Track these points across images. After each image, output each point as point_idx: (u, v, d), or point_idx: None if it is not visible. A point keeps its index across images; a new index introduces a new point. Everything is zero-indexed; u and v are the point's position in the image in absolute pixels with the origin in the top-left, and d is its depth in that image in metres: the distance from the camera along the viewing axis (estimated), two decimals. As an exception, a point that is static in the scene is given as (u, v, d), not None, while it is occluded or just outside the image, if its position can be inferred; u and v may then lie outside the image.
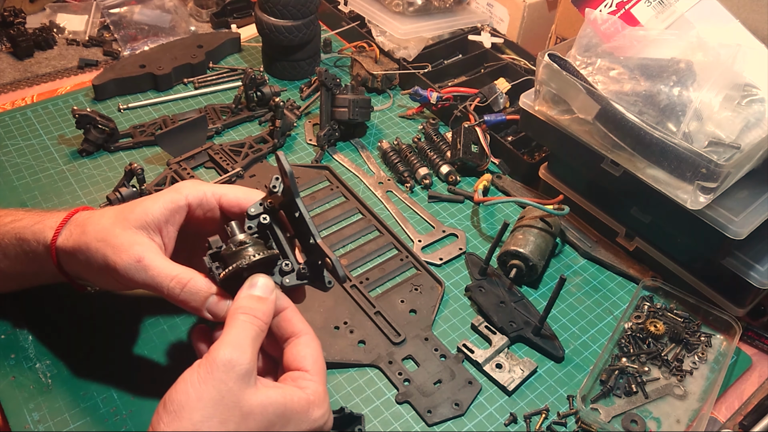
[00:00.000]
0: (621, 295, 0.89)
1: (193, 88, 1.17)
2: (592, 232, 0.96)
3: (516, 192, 1.01)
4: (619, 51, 0.87)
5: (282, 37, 1.14)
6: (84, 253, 0.64)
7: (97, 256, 0.63)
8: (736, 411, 0.78)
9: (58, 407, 0.71)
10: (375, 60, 1.21)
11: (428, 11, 1.24)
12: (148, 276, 0.61)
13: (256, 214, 0.65)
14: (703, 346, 0.82)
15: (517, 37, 1.28)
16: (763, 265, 0.80)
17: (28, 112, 1.09)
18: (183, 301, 0.62)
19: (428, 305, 0.85)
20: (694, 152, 0.74)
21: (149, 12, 1.36)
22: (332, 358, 0.78)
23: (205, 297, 0.62)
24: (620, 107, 0.79)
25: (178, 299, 0.62)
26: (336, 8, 1.35)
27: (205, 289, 0.62)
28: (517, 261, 0.87)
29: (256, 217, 0.65)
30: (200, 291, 0.62)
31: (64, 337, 0.77)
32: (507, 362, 0.79)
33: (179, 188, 0.67)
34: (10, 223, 0.71)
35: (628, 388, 0.77)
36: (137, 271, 0.61)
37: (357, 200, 0.98)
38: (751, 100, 0.83)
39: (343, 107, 1.05)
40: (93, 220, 0.66)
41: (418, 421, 0.73)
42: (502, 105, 1.11)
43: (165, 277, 0.61)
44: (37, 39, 1.26)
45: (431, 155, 1.05)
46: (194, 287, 0.61)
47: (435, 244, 0.94)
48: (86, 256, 0.64)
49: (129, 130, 1.06)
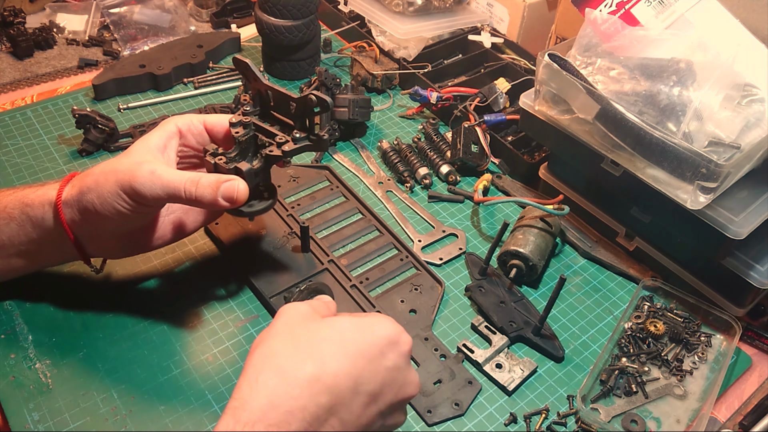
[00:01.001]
0: (621, 295, 0.89)
1: (193, 88, 1.17)
2: (592, 232, 0.96)
3: (516, 192, 1.01)
4: (619, 51, 0.87)
5: (282, 37, 1.14)
6: (92, 190, 0.67)
7: (107, 186, 0.66)
8: (736, 411, 0.78)
9: (58, 407, 0.71)
10: (375, 60, 1.21)
11: (428, 11, 1.24)
12: (163, 184, 0.66)
13: (237, 120, 0.71)
14: (703, 346, 0.82)
15: (517, 37, 1.28)
16: (763, 265, 0.80)
17: (28, 112, 1.09)
18: (199, 196, 0.66)
19: (428, 305, 0.85)
20: (694, 152, 0.74)
21: (149, 12, 1.36)
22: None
23: (217, 186, 0.67)
24: (620, 107, 0.79)
25: (194, 196, 0.66)
26: (336, 8, 1.35)
27: (215, 180, 0.67)
28: (517, 261, 0.87)
29: (238, 123, 0.71)
30: (212, 183, 0.67)
31: (64, 337, 0.77)
32: (507, 362, 0.79)
33: (168, 120, 0.74)
34: (12, 193, 0.73)
35: (628, 388, 0.77)
36: (152, 183, 0.65)
37: (357, 200, 0.98)
38: (751, 100, 0.83)
39: (343, 107, 1.05)
40: (94, 168, 0.70)
41: (418, 421, 0.73)
42: (502, 105, 1.11)
43: (179, 180, 0.66)
44: (37, 39, 1.26)
45: (431, 155, 1.05)
46: (207, 181, 0.67)
47: (435, 244, 0.94)
48: (95, 194, 0.67)
49: (129, 129, 1.06)
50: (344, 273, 0.87)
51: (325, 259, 0.88)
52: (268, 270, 0.86)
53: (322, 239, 0.91)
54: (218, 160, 0.70)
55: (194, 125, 0.74)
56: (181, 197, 0.67)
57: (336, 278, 0.86)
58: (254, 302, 0.84)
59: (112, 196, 0.66)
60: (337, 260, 0.88)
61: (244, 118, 0.72)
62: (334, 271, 0.87)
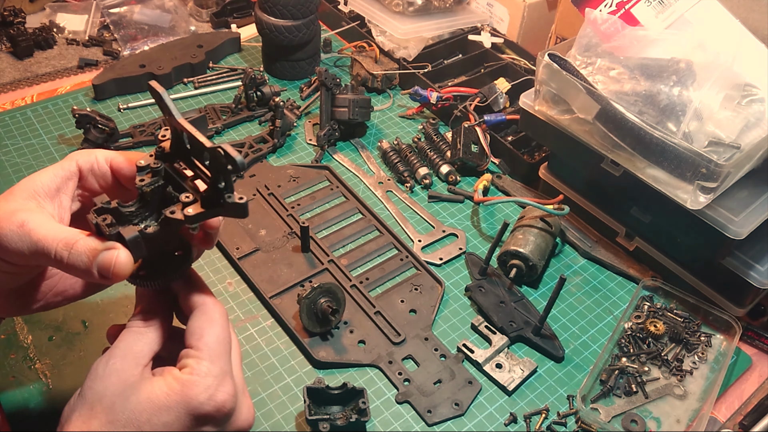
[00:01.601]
0: (621, 295, 0.89)
1: (193, 88, 1.17)
2: (592, 232, 0.96)
3: (516, 192, 1.01)
4: (619, 51, 0.87)
5: (282, 37, 1.14)
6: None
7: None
8: (736, 411, 0.78)
9: (58, 407, 0.71)
10: (375, 60, 1.21)
11: (428, 11, 1.24)
12: (32, 242, 0.53)
13: (145, 164, 0.56)
14: (703, 346, 0.82)
15: (517, 37, 1.28)
16: (763, 265, 0.80)
17: (28, 112, 1.09)
18: (71, 264, 0.53)
19: (428, 305, 0.85)
20: (694, 152, 0.74)
21: (149, 12, 1.36)
22: (332, 357, 0.78)
23: (94, 254, 0.52)
24: (620, 107, 0.79)
25: (66, 263, 0.53)
26: (336, 8, 1.35)
27: (93, 247, 0.53)
28: (517, 261, 0.87)
29: (146, 168, 0.56)
30: (88, 250, 0.53)
31: (64, 337, 0.77)
32: (507, 362, 0.79)
33: (70, 156, 0.61)
34: None
35: (628, 387, 0.77)
36: (20, 239, 0.53)
37: (357, 200, 0.98)
38: (751, 100, 0.83)
39: (343, 107, 1.05)
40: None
41: (418, 420, 0.73)
42: (502, 105, 1.11)
43: (51, 240, 0.53)
44: (37, 39, 1.26)
45: (431, 155, 1.05)
46: (83, 246, 0.53)
47: (435, 244, 0.94)
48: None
49: (129, 129, 1.06)
50: (344, 273, 0.87)
51: (325, 259, 0.88)
52: (268, 270, 0.86)
53: (322, 239, 0.91)
54: (101, 220, 0.53)
55: (99, 165, 0.60)
56: (51, 260, 0.53)
57: (336, 278, 0.86)
58: (254, 302, 0.84)
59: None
60: (337, 260, 0.88)
61: (154, 163, 0.56)
62: (334, 271, 0.87)
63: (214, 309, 0.56)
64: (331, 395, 0.70)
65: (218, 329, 0.55)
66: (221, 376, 0.53)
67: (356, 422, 0.69)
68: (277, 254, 0.89)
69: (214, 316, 0.56)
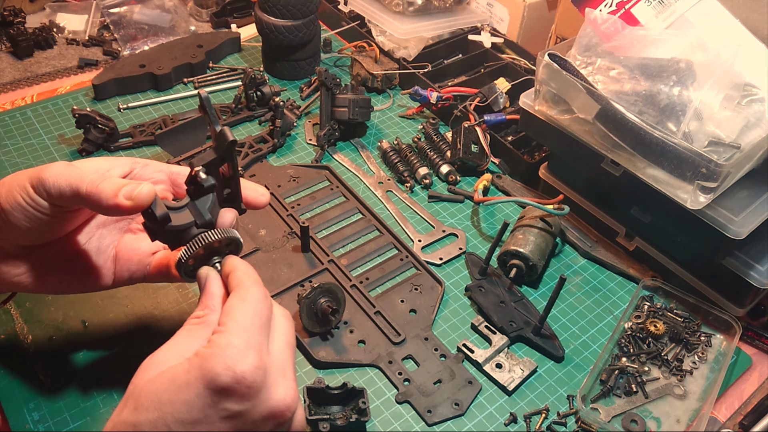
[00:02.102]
0: (621, 294, 0.89)
1: (193, 88, 1.17)
2: (592, 232, 0.96)
3: (516, 192, 1.01)
4: (619, 51, 0.87)
5: (282, 37, 1.14)
6: (5, 183, 0.61)
7: (18, 177, 0.60)
8: (736, 411, 0.78)
9: (58, 407, 0.71)
10: (375, 60, 1.21)
11: (428, 11, 1.24)
12: (69, 174, 0.58)
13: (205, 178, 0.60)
14: (703, 346, 0.82)
15: (517, 36, 1.28)
16: (763, 265, 0.80)
17: (28, 112, 1.09)
18: (101, 189, 0.58)
19: (428, 305, 0.85)
20: (694, 152, 0.74)
21: (149, 12, 1.36)
22: (332, 357, 0.78)
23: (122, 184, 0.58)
24: (620, 107, 0.79)
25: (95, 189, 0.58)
26: (336, 8, 1.35)
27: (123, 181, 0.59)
28: (517, 261, 0.87)
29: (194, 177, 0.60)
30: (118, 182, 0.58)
31: (64, 337, 0.77)
32: (507, 362, 0.79)
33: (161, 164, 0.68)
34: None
35: (628, 387, 0.77)
36: (59, 174, 0.58)
37: (357, 200, 0.98)
38: (751, 100, 0.83)
39: (343, 107, 1.05)
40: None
41: (418, 420, 0.73)
42: (502, 105, 1.11)
43: (87, 173, 0.59)
44: (37, 39, 1.26)
45: (431, 155, 1.05)
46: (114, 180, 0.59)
47: (435, 243, 0.94)
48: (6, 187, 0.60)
49: (129, 129, 1.06)
50: (344, 273, 0.87)
51: (325, 259, 0.88)
52: (268, 270, 0.86)
53: (322, 239, 0.91)
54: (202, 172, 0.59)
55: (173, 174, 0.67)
56: (82, 192, 0.58)
57: (336, 278, 0.86)
58: (254, 302, 0.84)
59: (18, 187, 0.59)
60: (337, 260, 0.88)
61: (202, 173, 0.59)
62: (334, 271, 0.87)
63: (249, 289, 0.56)
64: (331, 395, 0.70)
65: (249, 306, 0.54)
66: (244, 347, 0.51)
67: (356, 422, 0.69)
68: (277, 254, 0.89)
69: (247, 294, 0.55)
